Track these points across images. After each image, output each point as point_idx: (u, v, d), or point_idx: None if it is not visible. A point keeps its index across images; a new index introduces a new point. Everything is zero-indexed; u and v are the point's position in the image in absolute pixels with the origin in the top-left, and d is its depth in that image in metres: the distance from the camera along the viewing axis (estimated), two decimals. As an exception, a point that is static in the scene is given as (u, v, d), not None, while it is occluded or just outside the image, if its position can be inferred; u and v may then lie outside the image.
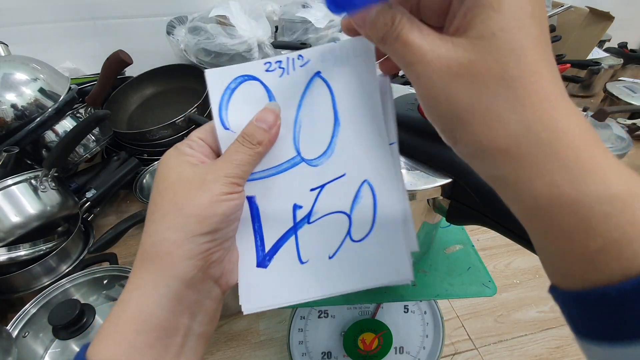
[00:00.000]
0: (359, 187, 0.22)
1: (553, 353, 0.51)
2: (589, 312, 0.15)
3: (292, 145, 0.23)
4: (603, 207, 0.14)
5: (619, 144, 0.80)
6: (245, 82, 0.23)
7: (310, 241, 0.23)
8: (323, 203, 0.23)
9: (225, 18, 0.87)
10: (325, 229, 0.23)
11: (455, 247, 0.40)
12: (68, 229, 0.62)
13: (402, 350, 0.42)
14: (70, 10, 0.95)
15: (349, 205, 0.23)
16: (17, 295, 0.54)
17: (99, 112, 0.63)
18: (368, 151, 0.22)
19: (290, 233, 0.23)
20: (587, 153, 0.14)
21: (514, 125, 0.15)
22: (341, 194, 0.23)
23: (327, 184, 0.23)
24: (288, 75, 0.23)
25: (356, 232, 0.23)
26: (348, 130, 0.22)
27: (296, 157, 0.23)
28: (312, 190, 0.23)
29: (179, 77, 0.94)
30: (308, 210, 0.23)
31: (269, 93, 0.23)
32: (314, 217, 0.23)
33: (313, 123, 0.23)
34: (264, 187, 0.23)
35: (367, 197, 0.22)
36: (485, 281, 0.36)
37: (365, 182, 0.22)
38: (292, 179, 0.23)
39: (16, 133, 0.64)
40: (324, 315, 0.40)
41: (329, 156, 0.23)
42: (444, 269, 0.38)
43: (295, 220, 0.23)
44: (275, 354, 0.52)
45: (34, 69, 0.69)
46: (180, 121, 0.80)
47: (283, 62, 0.23)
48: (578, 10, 0.99)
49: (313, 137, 0.23)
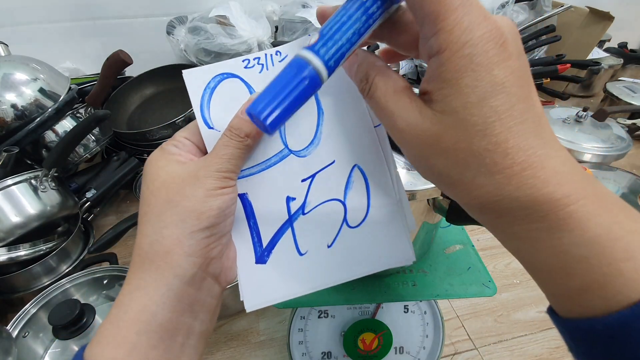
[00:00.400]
0: (349, 173, 0.22)
1: (553, 353, 0.51)
2: (576, 341, 0.17)
3: (279, 139, 0.23)
4: (581, 250, 0.15)
5: (619, 144, 0.80)
6: (225, 80, 0.23)
7: (307, 232, 0.23)
8: (316, 193, 0.23)
9: (225, 18, 0.87)
10: (321, 219, 0.23)
11: (455, 247, 0.40)
12: (68, 229, 0.62)
13: (402, 350, 0.42)
14: (70, 10, 0.95)
15: (342, 192, 0.23)
16: (17, 295, 0.54)
17: (99, 112, 0.63)
18: (354, 136, 0.22)
19: (287, 226, 0.23)
20: (563, 201, 0.15)
21: (488, 188, 0.16)
22: (333, 182, 0.23)
23: (318, 173, 0.23)
24: (267, 70, 0.23)
25: (352, 218, 0.23)
26: (332, 117, 0.22)
27: (284, 149, 0.23)
28: (304, 181, 0.23)
29: (179, 77, 0.91)
30: (302, 201, 0.23)
31: (249, 89, 0.23)
32: (308, 207, 0.23)
33: (297, 115, 0.22)
34: (254, 183, 0.23)
35: (359, 182, 0.22)
36: (485, 281, 0.36)
37: (355, 166, 0.22)
38: (282, 172, 0.23)
39: (16, 133, 0.64)
40: (324, 315, 0.40)
41: (316, 145, 0.23)
42: (444, 269, 0.38)
43: (289, 213, 0.23)
44: (275, 354, 0.52)
45: (34, 69, 0.69)
46: (180, 121, 0.80)
47: (261, 58, 0.23)
48: (578, 10, 0.99)
49: (299, 129, 0.23)
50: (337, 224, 0.23)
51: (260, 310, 0.58)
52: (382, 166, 0.22)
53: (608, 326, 0.14)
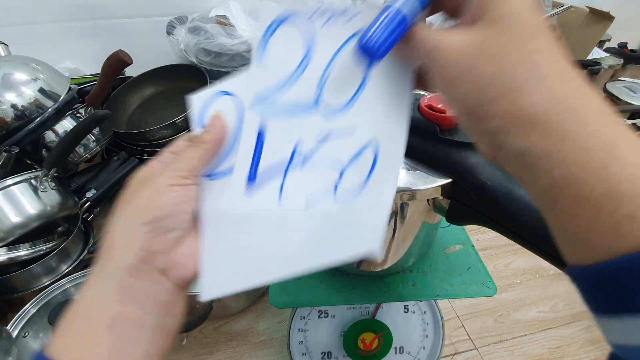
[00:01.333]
0: (362, 149, 0.22)
1: (553, 353, 0.51)
2: (612, 285, 0.15)
3: (315, 90, 0.23)
4: (634, 172, 0.14)
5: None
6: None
7: (296, 185, 0.23)
8: (322, 154, 0.23)
9: (225, 18, 0.87)
10: (314, 178, 0.23)
11: (455, 247, 0.40)
12: (68, 229, 0.62)
13: (402, 350, 0.42)
14: (70, 10, 0.95)
15: (346, 163, 0.23)
16: (17, 295, 0.54)
17: (99, 112, 0.63)
18: (383, 119, 0.22)
19: (282, 169, 0.24)
20: (612, 119, 0.15)
21: (539, 95, 0.15)
22: (343, 150, 0.23)
23: (333, 138, 0.23)
24: (333, 23, 0.23)
25: (342, 192, 0.22)
26: (371, 93, 0.23)
27: (314, 106, 0.24)
28: (318, 140, 0.23)
29: (179, 77, 0.94)
30: (306, 156, 0.23)
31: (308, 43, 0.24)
32: (308, 164, 0.23)
33: (342, 75, 0.23)
34: (276, 123, 0.24)
35: (367, 160, 0.22)
36: (485, 281, 0.36)
37: (370, 145, 0.22)
38: (303, 125, 0.24)
39: (16, 133, 0.64)
40: (324, 315, 0.40)
41: (344, 113, 0.23)
42: (444, 269, 0.38)
43: (290, 161, 0.23)
44: (275, 354, 0.52)
45: (34, 69, 0.69)
46: (180, 121, 0.80)
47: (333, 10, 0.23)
48: (578, 10, 0.99)
49: (338, 89, 0.23)
50: (326, 191, 0.23)
51: (260, 311, 0.58)
52: (396, 155, 0.22)
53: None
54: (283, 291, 0.35)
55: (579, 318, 0.56)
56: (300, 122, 0.24)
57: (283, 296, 0.35)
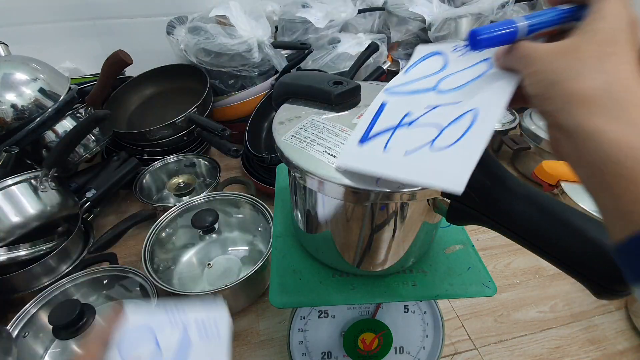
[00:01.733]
0: (464, 113, 0.26)
1: (553, 353, 0.51)
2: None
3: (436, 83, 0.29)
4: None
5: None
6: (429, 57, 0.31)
7: (400, 139, 0.27)
8: (428, 117, 0.27)
9: (225, 18, 0.87)
10: (415, 134, 0.27)
11: (455, 247, 0.40)
12: (68, 229, 0.62)
13: (402, 350, 0.42)
14: (70, 10, 0.95)
15: (447, 122, 0.26)
16: (17, 295, 0.54)
17: (99, 112, 0.63)
18: (488, 97, 0.26)
19: (391, 129, 0.28)
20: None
21: (598, 81, 0.19)
22: (447, 114, 0.27)
23: (441, 106, 0.27)
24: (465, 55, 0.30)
25: (438, 143, 0.26)
26: (485, 79, 0.27)
27: (435, 86, 0.29)
28: (427, 108, 0.28)
29: (179, 77, 0.94)
30: (413, 118, 0.28)
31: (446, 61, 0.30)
32: (413, 125, 0.27)
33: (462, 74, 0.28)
34: (396, 100, 0.30)
35: (466, 121, 0.26)
36: (485, 281, 0.36)
37: (472, 110, 0.26)
38: (418, 100, 0.29)
39: (16, 133, 0.64)
40: (324, 315, 0.40)
41: (457, 90, 0.28)
42: (444, 269, 0.38)
43: (400, 123, 0.28)
44: (275, 354, 0.52)
45: (34, 69, 0.69)
46: (180, 121, 0.80)
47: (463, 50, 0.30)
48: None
49: (454, 82, 0.28)
50: (425, 142, 0.26)
51: (260, 311, 0.58)
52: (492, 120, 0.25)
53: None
54: (283, 291, 0.35)
55: (579, 318, 0.56)
56: (415, 98, 0.29)
57: (283, 296, 0.35)
